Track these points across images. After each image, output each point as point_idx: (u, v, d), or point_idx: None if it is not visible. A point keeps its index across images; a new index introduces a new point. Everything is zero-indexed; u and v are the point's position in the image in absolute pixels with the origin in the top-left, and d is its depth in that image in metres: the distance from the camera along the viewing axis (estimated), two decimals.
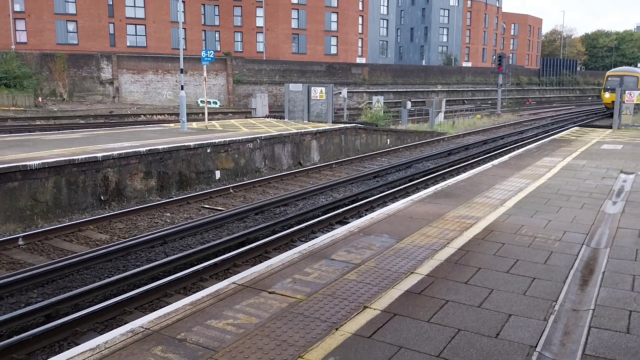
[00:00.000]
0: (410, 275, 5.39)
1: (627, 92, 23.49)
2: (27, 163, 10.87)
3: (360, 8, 65.65)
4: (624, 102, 23.35)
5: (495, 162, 13.39)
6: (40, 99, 36.68)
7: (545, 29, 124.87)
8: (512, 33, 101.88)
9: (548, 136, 24.22)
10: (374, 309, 4.60)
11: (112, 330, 4.58)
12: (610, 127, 24.32)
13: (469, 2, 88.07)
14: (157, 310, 5.27)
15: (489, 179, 10.87)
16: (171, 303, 5.43)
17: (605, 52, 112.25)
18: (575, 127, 26.30)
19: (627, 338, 4.15)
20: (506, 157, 14.35)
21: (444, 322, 4.37)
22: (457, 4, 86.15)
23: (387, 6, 78.41)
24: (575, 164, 13.01)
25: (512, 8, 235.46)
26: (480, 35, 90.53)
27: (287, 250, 7.37)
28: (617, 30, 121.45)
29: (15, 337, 5.67)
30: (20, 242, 9.25)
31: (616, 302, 4.81)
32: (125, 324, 4.88)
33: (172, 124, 22.69)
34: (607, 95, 38.78)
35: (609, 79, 39.61)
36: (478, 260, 5.85)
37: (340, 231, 7.00)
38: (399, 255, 6.00)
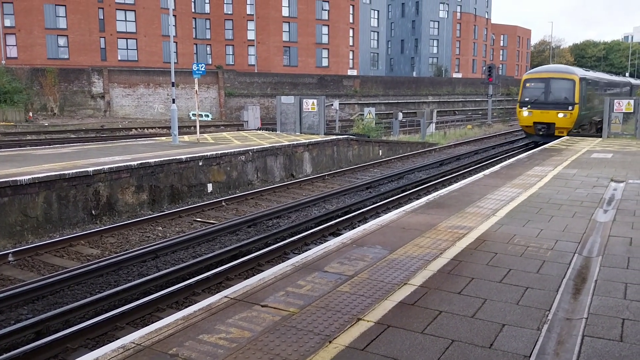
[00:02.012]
0: (404, 287, 5.37)
1: (615, 101, 23.35)
2: (17, 178, 10.79)
3: (351, 21, 66.16)
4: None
5: (487, 172, 13.44)
6: (30, 113, 36.55)
7: (534, 40, 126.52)
8: (501, 44, 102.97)
9: (539, 145, 24.34)
10: (368, 321, 4.58)
11: (103, 346, 4.52)
12: (600, 137, 24.46)
13: (458, 14, 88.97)
14: (148, 325, 5.21)
15: (480, 188, 10.90)
16: (163, 318, 5.38)
17: (593, 61, 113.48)
18: (566, 137, 26.45)
19: (620, 346, 4.15)
20: (497, 166, 14.40)
21: (437, 333, 4.35)
22: (446, 16, 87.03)
23: (378, 19, 79.12)
24: (566, 173, 13.08)
25: (501, 19, 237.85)
26: (470, 47, 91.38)
27: (279, 263, 7.35)
28: (605, 40, 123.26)
29: (4, 355, 5.60)
30: (10, 258, 9.16)
31: (609, 311, 4.81)
32: (116, 339, 4.83)
33: (163, 138, 22.65)
34: (524, 113, 24.13)
35: (527, 85, 24.48)
36: (471, 271, 5.85)
37: (333, 243, 6.98)
38: (392, 266, 5.99)
